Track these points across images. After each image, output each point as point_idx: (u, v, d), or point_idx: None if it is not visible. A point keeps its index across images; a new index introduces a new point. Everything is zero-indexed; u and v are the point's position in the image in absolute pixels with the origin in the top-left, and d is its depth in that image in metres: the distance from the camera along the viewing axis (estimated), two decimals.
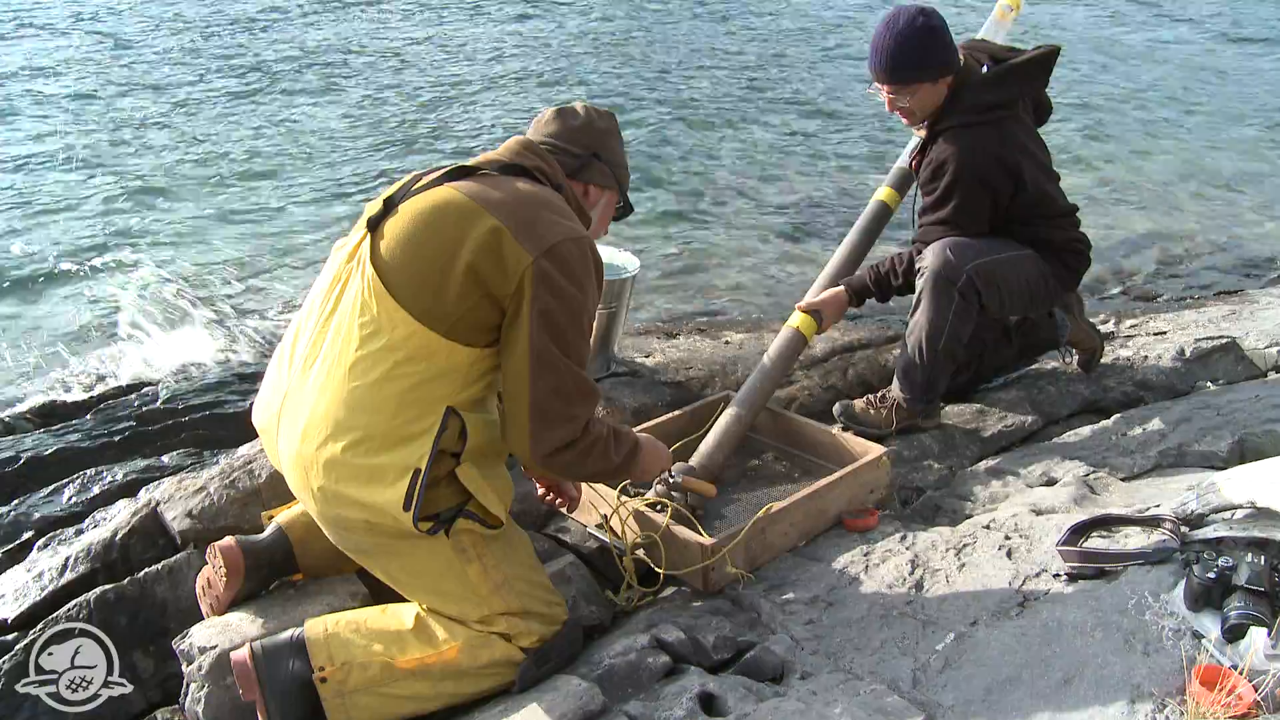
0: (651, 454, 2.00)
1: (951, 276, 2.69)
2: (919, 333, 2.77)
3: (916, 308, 2.78)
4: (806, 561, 2.22)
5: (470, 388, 1.74)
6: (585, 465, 1.75)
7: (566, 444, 1.70)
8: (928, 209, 2.79)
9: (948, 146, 2.69)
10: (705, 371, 3.30)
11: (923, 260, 2.75)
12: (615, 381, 3.17)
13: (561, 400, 1.68)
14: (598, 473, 1.81)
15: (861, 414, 2.93)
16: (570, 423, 1.69)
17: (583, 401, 1.71)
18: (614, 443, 1.81)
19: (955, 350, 2.80)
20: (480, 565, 1.81)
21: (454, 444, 1.74)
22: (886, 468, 2.49)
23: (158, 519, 2.27)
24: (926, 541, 2.20)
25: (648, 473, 2.00)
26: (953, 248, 2.71)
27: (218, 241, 5.63)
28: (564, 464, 1.72)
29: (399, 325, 1.69)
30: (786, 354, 2.71)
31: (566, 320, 1.68)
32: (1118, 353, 3.49)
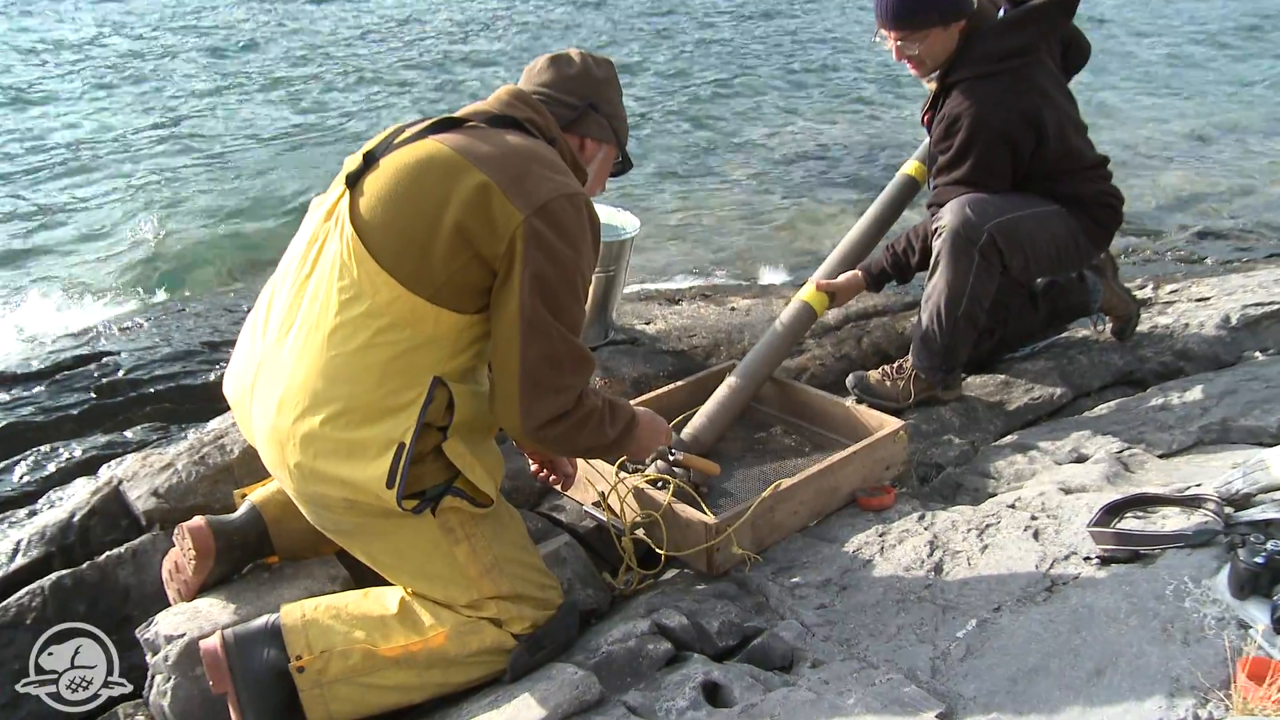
0: (650, 429, 1.99)
1: (971, 235, 2.67)
2: (937, 297, 2.76)
3: (934, 270, 2.76)
4: (818, 542, 2.22)
5: (458, 357, 1.73)
6: (578, 439, 1.75)
7: (558, 416, 1.70)
8: (943, 168, 2.76)
9: (962, 99, 2.65)
10: (709, 340, 3.30)
11: (940, 219, 2.72)
12: (613, 350, 3.17)
13: (553, 369, 1.67)
14: (592, 448, 1.80)
15: (876, 385, 2.93)
16: (562, 393, 1.69)
17: (576, 370, 1.71)
18: (609, 416, 1.81)
19: (976, 315, 2.78)
20: (469, 546, 1.81)
21: (441, 417, 1.74)
22: (903, 442, 2.49)
23: (120, 499, 2.25)
24: (946, 521, 2.20)
25: (645, 449, 2.00)
26: (972, 205, 2.69)
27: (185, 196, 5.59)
28: (555, 437, 1.72)
29: (381, 289, 1.67)
30: (794, 327, 2.70)
31: (560, 283, 1.67)
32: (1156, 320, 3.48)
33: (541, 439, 1.71)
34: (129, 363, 3.20)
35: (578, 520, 2.40)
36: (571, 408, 1.71)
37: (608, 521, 2.23)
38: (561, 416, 1.70)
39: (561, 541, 2.22)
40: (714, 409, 2.43)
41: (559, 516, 2.43)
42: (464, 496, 1.80)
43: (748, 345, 3.28)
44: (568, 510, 2.45)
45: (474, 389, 1.78)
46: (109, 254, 4.86)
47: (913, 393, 2.90)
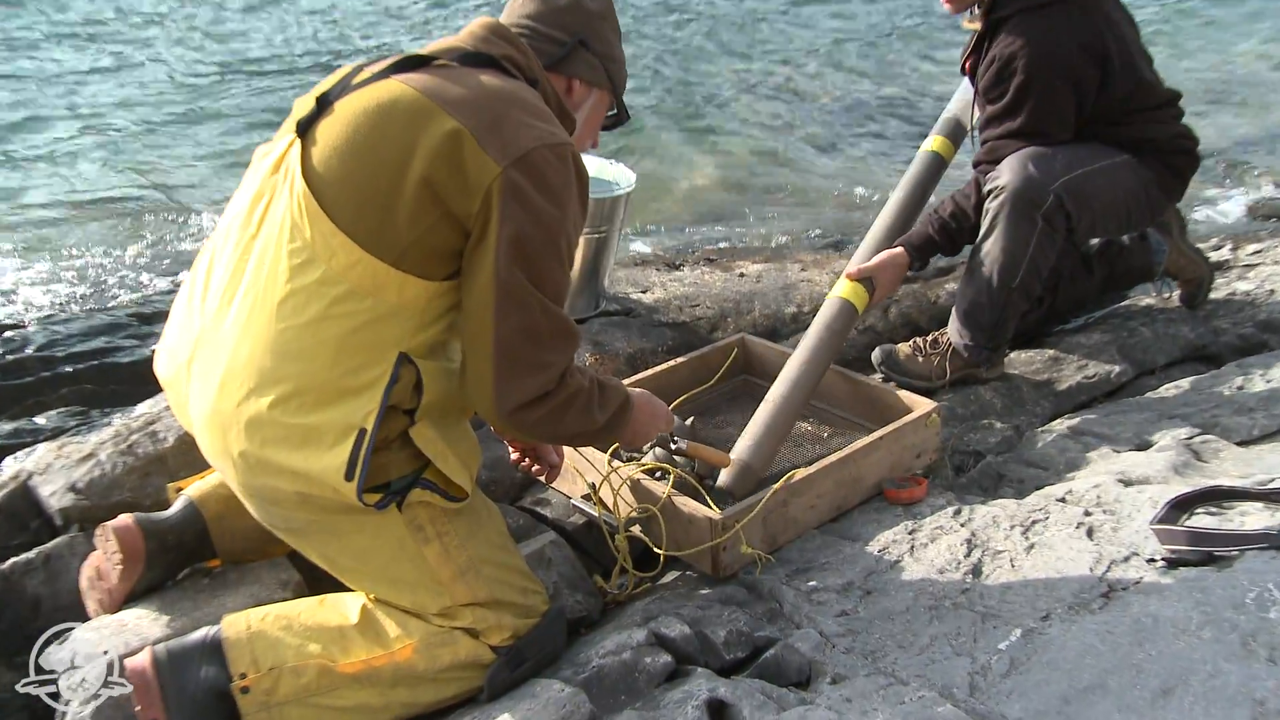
0: (646, 413, 1.99)
1: (1035, 197, 2.66)
2: (990, 265, 2.75)
3: (987, 235, 2.76)
4: (838, 541, 2.23)
5: (427, 330, 1.72)
6: (561, 424, 1.75)
7: (537, 397, 1.70)
8: (995, 118, 2.75)
9: (1013, 38, 2.63)
10: (715, 310, 3.31)
11: (996, 179, 2.72)
12: (605, 322, 3.17)
13: (531, 343, 1.67)
14: (578, 434, 1.81)
15: (907, 361, 2.94)
16: (542, 371, 1.69)
17: (558, 345, 1.71)
18: (598, 398, 1.81)
19: (1033, 287, 2.78)
20: (440, 546, 1.81)
21: (407, 399, 1.74)
22: (936, 427, 2.50)
23: (29, 495, 2.23)
24: (986, 517, 2.21)
25: (642, 435, 1.99)
26: (1035, 161, 2.67)
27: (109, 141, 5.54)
28: (534, 422, 1.72)
29: (338, 253, 1.67)
30: (836, 328, 2.63)
31: (541, 245, 1.66)
32: (1234, 286, 3.47)
33: (519, 423, 1.71)
34: (41, 337, 3.16)
35: (565, 516, 2.41)
36: (553, 388, 1.71)
37: (599, 517, 2.24)
38: (542, 398, 1.70)
39: (546, 540, 2.23)
40: (761, 433, 2.39)
41: (544, 512, 2.43)
42: (435, 489, 1.80)
43: (758, 317, 3.29)
44: (553, 505, 2.46)
45: (445, 366, 1.78)
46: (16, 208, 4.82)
47: (948, 370, 2.91)
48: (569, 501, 2.40)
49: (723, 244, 4.88)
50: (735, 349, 2.85)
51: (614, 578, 2.21)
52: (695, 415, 2.64)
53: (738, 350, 2.86)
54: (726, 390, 2.80)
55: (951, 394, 2.92)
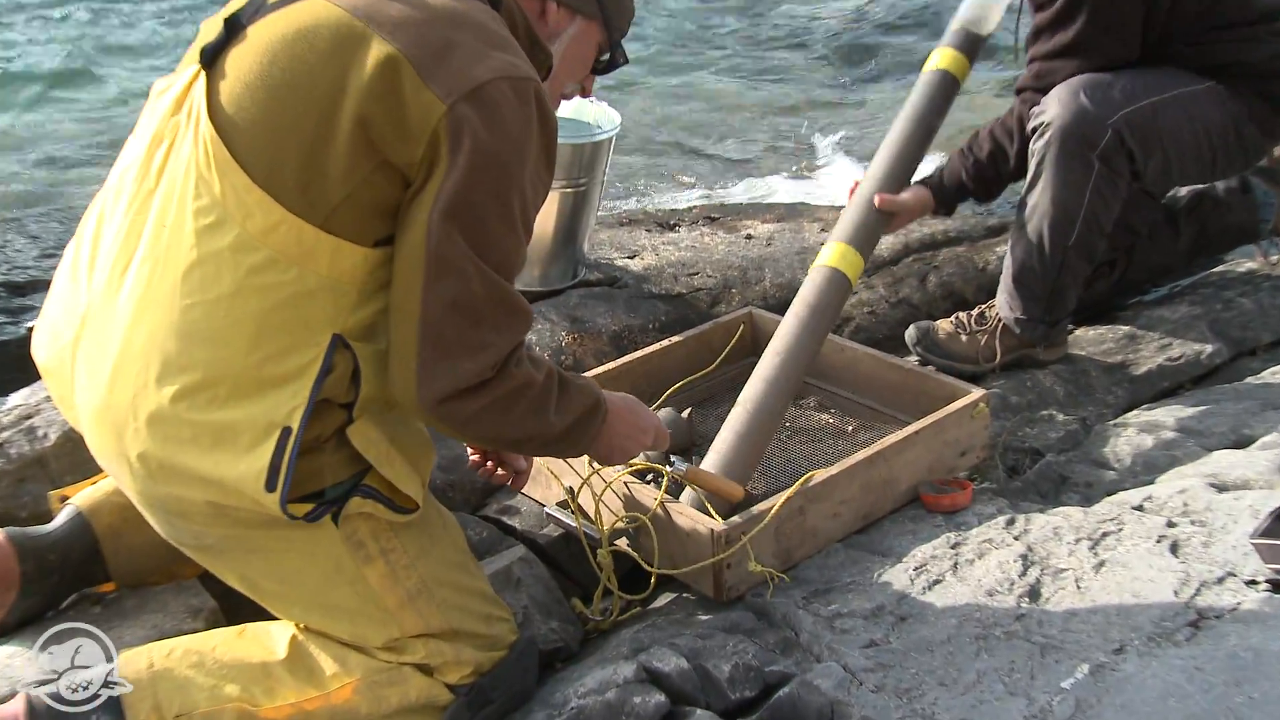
0: (626, 424, 1.97)
1: (1089, 134, 2.66)
2: (1039, 220, 2.76)
3: (1034, 182, 2.76)
4: (866, 556, 2.23)
5: (367, 306, 1.71)
6: (504, 423, 1.73)
7: (471, 386, 1.67)
8: (1044, 31, 2.75)
9: None
10: (718, 279, 3.31)
11: (1042, 113, 2.72)
12: (585, 294, 3.17)
13: (466, 319, 1.65)
14: (527, 438, 1.79)
15: (948, 341, 2.95)
16: (478, 353, 1.67)
17: (501, 323, 1.68)
18: (557, 397, 1.79)
19: (1093, 245, 2.79)
20: (385, 565, 1.80)
21: (343, 390, 1.72)
22: (985, 419, 2.50)
23: None
24: (1046, 528, 2.21)
25: (619, 452, 1.97)
26: (1090, 89, 2.67)
27: None
28: (468, 417, 1.70)
29: (254, 212, 1.65)
30: (824, 305, 2.56)
31: (487, 201, 1.64)
32: None
33: (449, 418, 1.70)
34: None
35: (537, 527, 2.40)
36: (492, 376, 1.69)
37: (578, 529, 2.24)
38: (478, 388, 1.68)
39: (515, 557, 2.22)
40: (729, 453, 2.35)
41: (511, 522, 2.43)
42: (378, 498, 1.79)
43: (769, 287, 3.30)
44: (523, 514, 2.45)
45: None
46: None
47: (999, 351, 2.91)
48: (542, 510, 2.39)
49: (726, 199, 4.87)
50: (742, 326, 2.85)
51: (596, 601, 2.21)
52: (693, 406, 2.65)
53: (745, 327, 2.85)
54: (731, 376, 2.79)
55: (1003, 379, 2.92)
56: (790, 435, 2.62)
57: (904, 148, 2.78)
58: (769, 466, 2.50)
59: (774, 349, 2.49)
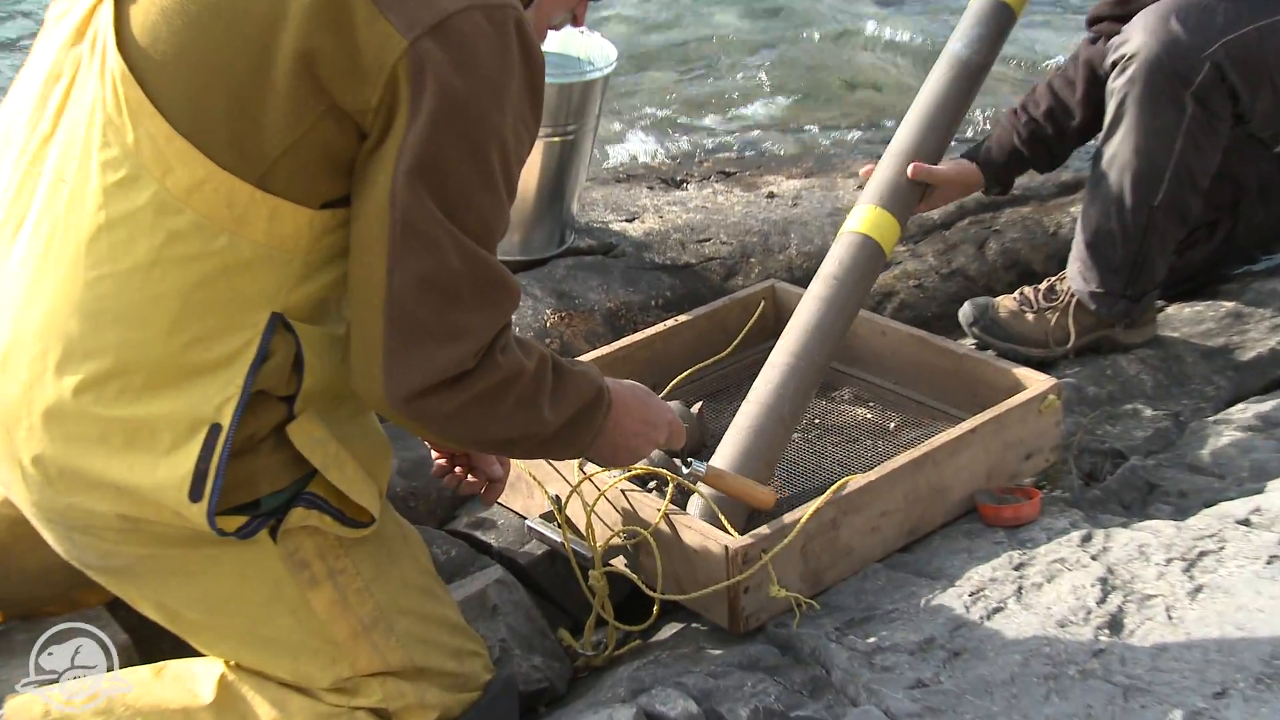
0: (635, 418, 1.96)
1: (1181, 68, 2.65)
2: (1119, 175, 2.76)
3: (1113, 131, 2.76)
4: (912, 579, 2.24)
5: (312, 280, 1.70)
6: (488, 423, 1.72)
7: (448, 379, 1.66)
8: None
9: None
10: (734, 247, 3.32)
11: (1124, 44, 2.71)
12: (575, 264, 3.17)
13: (441, 299, 1.64)
14: (515, 439, 1.78)
15: (1012, 320, 2.95)
16: (456, 341, 1.65)
17: (483, 303, 1.67)
18: (551, 387, 1.78)
19: (1186, 204, 2.79)
20: (334, 590, 1.80)
21: (282, 381, 1.71)
22: (1055, 414, 2.51)
23: None
24: (1130, 546, 2.20)
25: (625, 452, 1.97)
26: (1182, 13, 2.66)
27: None
28: (445, 416, 1.69)
29: (176, 167, 1.63)
30: (854, 279, 2.56)
31: (462, 155, 1.63)
32: None
33: (421, 417, 1.68)
34: None
35: (517, 544, 2.40)
36: (473, 367, 1.68)
37: (566, 546, 2.23)
38: (455, 381, 1.67)
39: (490, 580, 2.22)
40: (739, 457, 2.35)
41: (485, 538, 2.43)
42: (325, 509, 1.79)
43: (795, 256, 3.29)
44: (500, 528, 2.45)
45: (337, 334, 1.76)
46: None
47: (1073, 332, 2.92)
48: (522, 524, 2.39)
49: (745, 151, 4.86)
50: (762, 302, 2.85)
51: (588, 632, 2.21)
52: (704, 400, 2.65)
53: (766, 304, 2.86)
54: (749, 362, 2.79)
55: (1078, 367, 2.92)
56: (820, 434, 2.61)
57: (946, 92, 2.73)
58: (795, 471, 2.50)
59: (793, 330, 2.50)
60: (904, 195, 2.66)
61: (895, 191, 2.65)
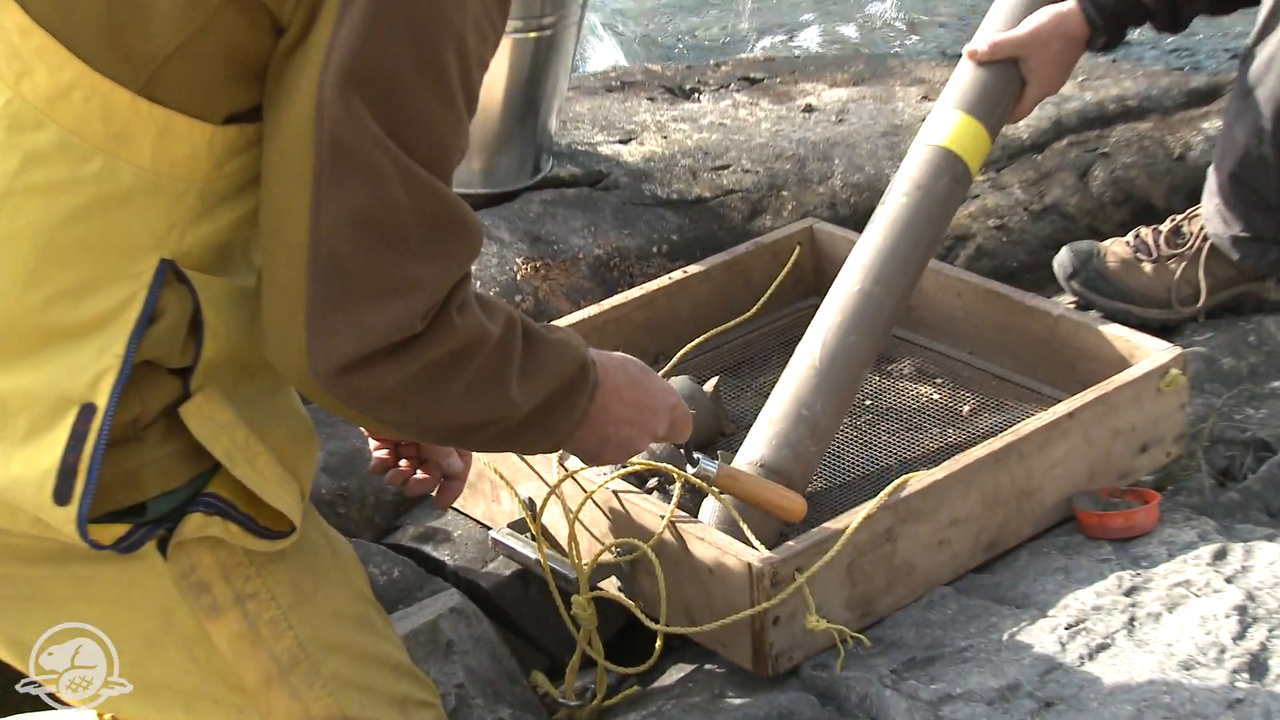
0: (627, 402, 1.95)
1: None
2: (1275, 83, 2.78)
3: (1271, 27, 2.78)
4: (992, 607, 2.26)
5: (213, 217, 1.69)
6: (438, 404, 1.70)
7: (388, 347, 1.65)
8: None
9: None
10: (760, 175, 3.34)
11: None
12: (554, 198, 3.19)
13: (380, 242, 1.63)
14: (472, 425, 1.76)
15: (1124, 271, 2.98)
16: (398, 297, 1.64)
17: (435, 248, 1.66)
18: (521, 359, 1.77)
19: None
20: (241, 621, 1.79)
21: (175, 348, 1.70)
22: (1180, 394, 2.51)
23: None
24: (1277, 564, 2.21)
25: (616, 445, 1.96)
26: None
27: None
28: (382, 396, 1.67)
29: (35, 67, 1.62)
30: (928, 206, 2.57)
31: (408, 56, 1.62)
32: None
33: (354, 396, 1.67)
34: None
35: (478, 562, 2.42)
36: (421, 331, 1.67)
37: (541, 564, 2.24)
38: (397, 351, 1.65)
39: (444, 608, 2.24)
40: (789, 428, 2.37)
41: (438, 554, 2.45)
42: (231, 515, 1.77)
43: (839, 188, 3.30)
44: (456, 541, 2.47)
45: (247, 287, 1.76)
46: None
47: (1204, 287, 2.94)
48: (486, 535, 2.40)
49: (773, 53, 4.85)
50: (797, 248, 2.86)
51: (571, 676, 2.23)
52: (721, 375, 2.66)
53: (802, 250, 2.87)
54: (781, 327, 2.81)
55: (1211, 332, 2.93)
56: (873, 419, 2.63)
57: None
58: (839, 467, 2.52)
59: (847, 281, 2.49)
60: (994, 96, 2.65)
61: (985, 94, 2.65)
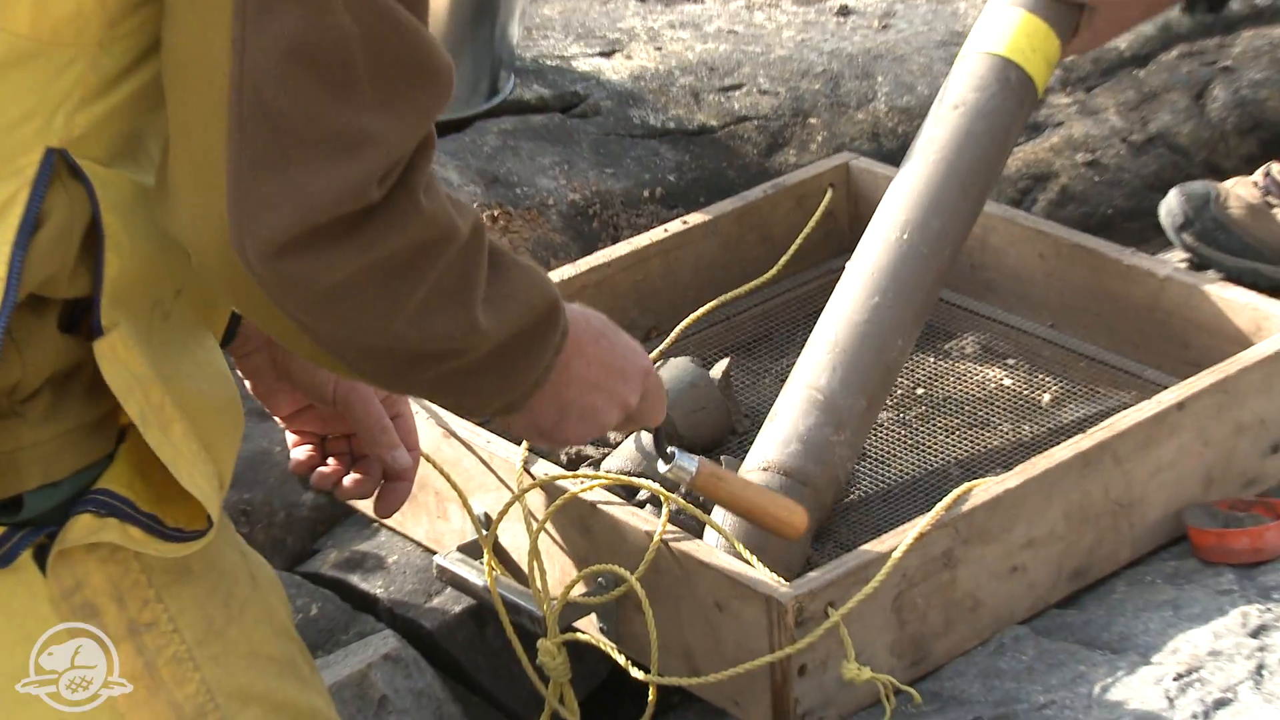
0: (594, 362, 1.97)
1: None
2: None
3: None
4: (1079, 651, 2.27)
5: (107, 94, 1.70)
6: (393, 311, 1.66)
7: (334, 221, 1.65)
8: None
9: None
10: (783, 97, 3.37)
11: None
12: (517, 129, 3.22)
13: (323, 83, 1.60)
14: (429, 354, 1.76)
15: (1247, 220, 3.00)
16: (348, 154, 1.60)
17: (395, 92, 1.64)
18: (489, 275, 1.78)
19: None
20: (137, 657, 1.78)
21: (66, 269, 1.70)
22: None
23: None
24: None
25: (578, 415, 1.98)
26: None
27: None
28: (324, 292, 1.62)
29: None
30: (980, 136, 2.62)
31: None
32: None
33: (289, 288, 1.64)
34: None
35: (419, 595, 2.44)
36: (378, 202, 1.67)
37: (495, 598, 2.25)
38: (346, 227, 1.65)
39: (375, 654, 2.26)
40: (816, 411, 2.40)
41: (370, 587, 2.47)
42: (131, 516, 1.77)
43: (883, 114, 3.33)
44: (392, 570, 2.48)
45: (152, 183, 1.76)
46: None
47: None
48: (430, 562, 2.41)
49: None
50: (829, 191, 2.87)
51: None
52: (732, 355, 2.67)
53: (835, 193, 2.88)
54: (809, 291, 2.83)
55: None
56: (926, 410, 2.65)
57: None
58: (882, 473, 2.53)
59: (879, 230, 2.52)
60: None
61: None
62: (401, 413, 2.14)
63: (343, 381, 2.04)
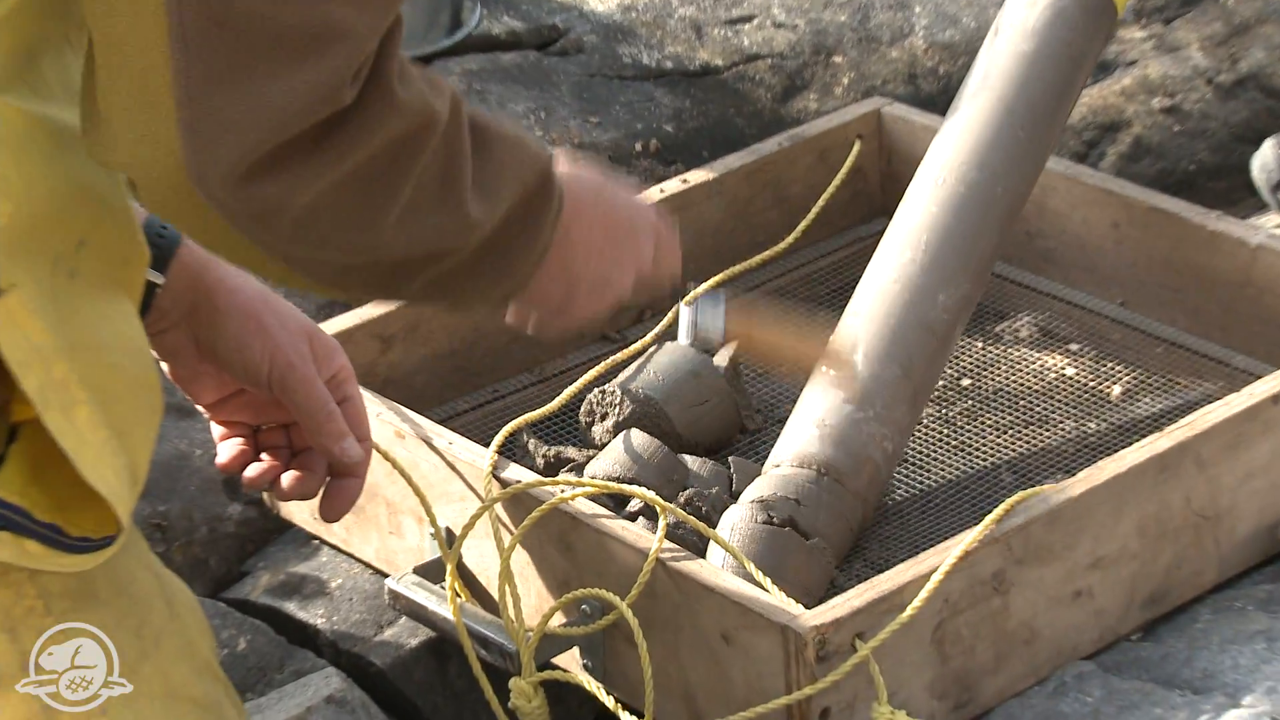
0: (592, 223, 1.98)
1: None
2: None
3: None
4: (1155, 692, 2.27)
5: None
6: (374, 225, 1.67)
7: (302, 136, 1.65)
8: None
9: None
10: (802, 33, 3.38)
11: None
12: (485, 68, 3.24)
13: None
14: (417, 257, 1.79)
15: None
16: (314, 52, 1.61)
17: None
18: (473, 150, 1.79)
19: None
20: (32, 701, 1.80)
21: None
22: None
23: None
24: None
25: (586, 284, 2.00)
26: None
27: None
28: (299, 216, 1.64)
29: None
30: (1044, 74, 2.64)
31: None
32: None
33: (259, 218, 1.66)
34: None
35: (368, 627, 2.44)
36: (351, 104, 1.67)
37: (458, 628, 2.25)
38: (319, 140, 1.66)
39: (317, 696, 2.27)
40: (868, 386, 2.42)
41: (307, 615, 2.47)
42: (25, 527, 1.76)
43: (920, 51, 3.34)
44: (335, 595, 2.49)
45: (60, 120, 1.77)
46: None
47: None
48: (382, 586, 2.42)
49: None
50: (857, 142, 2.88)
51: None
52: None
53: (864, 146, 2.89)
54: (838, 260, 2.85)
55: None
56: (974, 404, 2.66)
57: None
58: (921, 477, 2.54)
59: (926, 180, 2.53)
60: None
61: None
62: (350, 396, 2.14)
63: (279, 361, 2.04)
